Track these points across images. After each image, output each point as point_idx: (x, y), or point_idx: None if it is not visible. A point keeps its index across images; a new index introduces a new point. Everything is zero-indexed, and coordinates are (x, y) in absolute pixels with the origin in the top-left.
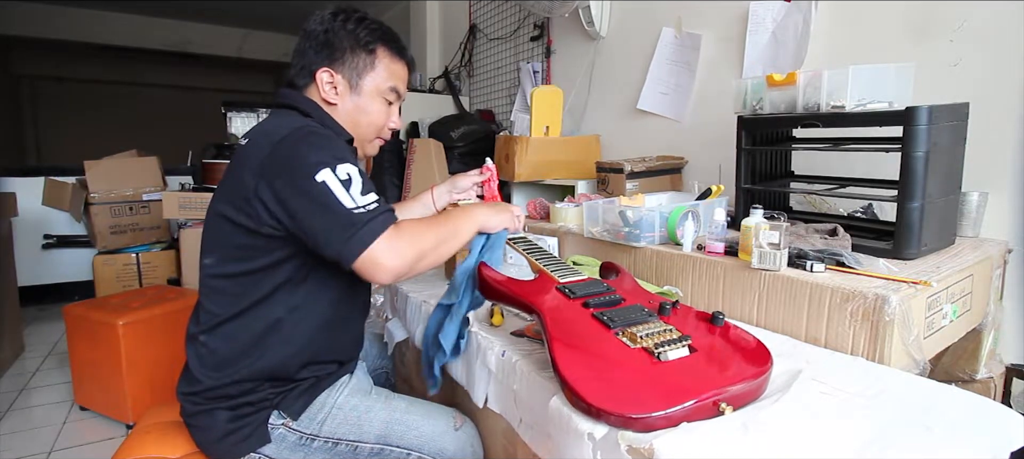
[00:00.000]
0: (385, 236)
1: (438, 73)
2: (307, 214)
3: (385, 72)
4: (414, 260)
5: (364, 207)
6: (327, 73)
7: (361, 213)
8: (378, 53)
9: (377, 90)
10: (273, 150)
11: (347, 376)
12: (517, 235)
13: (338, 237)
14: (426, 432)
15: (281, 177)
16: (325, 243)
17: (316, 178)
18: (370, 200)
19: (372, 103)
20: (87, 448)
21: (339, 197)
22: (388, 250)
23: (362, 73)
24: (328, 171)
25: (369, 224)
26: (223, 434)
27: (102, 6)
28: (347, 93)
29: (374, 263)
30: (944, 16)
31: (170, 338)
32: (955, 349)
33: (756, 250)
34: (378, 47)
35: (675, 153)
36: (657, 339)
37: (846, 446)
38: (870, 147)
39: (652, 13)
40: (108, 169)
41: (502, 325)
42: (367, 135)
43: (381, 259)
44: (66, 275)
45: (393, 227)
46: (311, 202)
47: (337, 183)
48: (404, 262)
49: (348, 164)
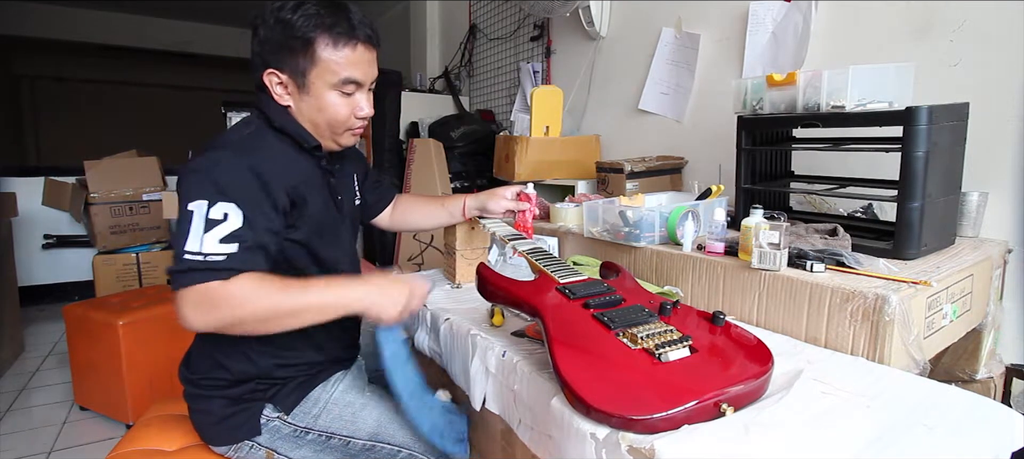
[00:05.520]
0: (198, 290)
1: (438, 73)
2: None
3: (331, 64)
4: (227, 323)
5: (204, 255)
6: (273, 74)
7: (193, 260)
8: (317, 44)
9: (327, 84)
10: (188, 163)
11: (342, 372)
12: (517, 235)
13: (173, 265)
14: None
15: (178, 191)
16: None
17: (188, 206)
18: (222, 251)
19: (326, 99)
20: (87, 448)
21: (191, 232)
22: (193, 304)
23: (305, 70)
24: (202, 203)
25: (191, 273)
26: (219, 419)
27: (102, 6)
28: (297, 93)
29: (179, 310)
30: (944, 16)
31: (170, 338)
32: (955, 349)
33: (756, 250)
34: (317, 36)
35: (675, 153)
36: (658, 340)
37: (847, 446)
38: (870, 147)
39: (652, 13)
40: (108, 169)
41: (502, 325)
42: (332, 132)
43: (184, 313)
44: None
45: (219, 282)
46: (177, 222)
47: (200, 219)
48: (209, 321)
49: (230, 204)
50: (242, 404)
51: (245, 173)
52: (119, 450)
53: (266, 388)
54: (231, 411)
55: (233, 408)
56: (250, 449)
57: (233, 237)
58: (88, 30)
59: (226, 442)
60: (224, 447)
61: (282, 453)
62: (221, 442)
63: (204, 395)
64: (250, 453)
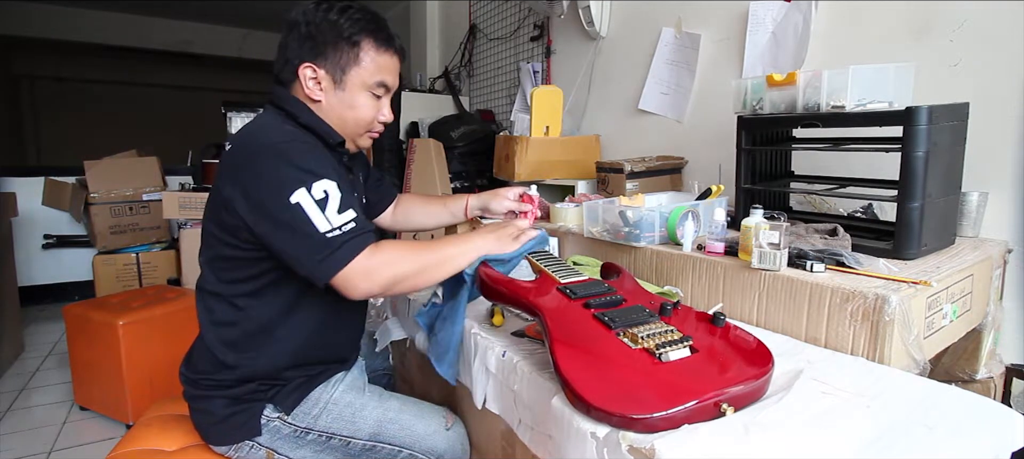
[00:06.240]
0: (360, 259)
1: (438, 73)
2: (279, 237)
3: (371, 66)
4: (388, 284)
5: (339, 228)
6: (310, 68)
7: (335, 236)
8: (363, 45)
9: (363, 84)
10: (250, 164)
11: (343, 373)
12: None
13: (311, 259)
14: (418, 431)
15: (254, 195)
16: (297, 264)
17: (290, 200)
18: (347, 219)
19: (358, 98)
20: (87, 448)
21: (313, 219)
22: (360, 274)
23: (346, 67)
24: (303, 191)
25: (343, 247)
26: (220, 419)
27: (102, 6)
28: (332, 89)
29: (347, 284)
30: (944, 16)
31: (170, 338)
32: (955, 349)
33: (756, 250)
34: (363, 39)
35: (675, 153)
36: (658, 340)
37: (847, 446)
38: (870, 147)
39: (652, 13)
40: (108, 169)
41: (503, 325)
42: (356, 131)
43: (353, 281)
44: (66, 275)
45: (370, 248)
46: (283, 225)
47: (312, 203)
48: (376, 286)
49: (325, 180)
50: (243, 404)
51: (315, 152)
52: (119, 450)
53: (267, 388)
54: (232, 411)
55: (234, 408)
56: (250, 449)
57: (345, 205)
58: (88, 30)
59: (226, 442)
60: (224, 447)
61: (282, 453)
62: (221, 442)
63: (205, 395)
64: (250, 453)
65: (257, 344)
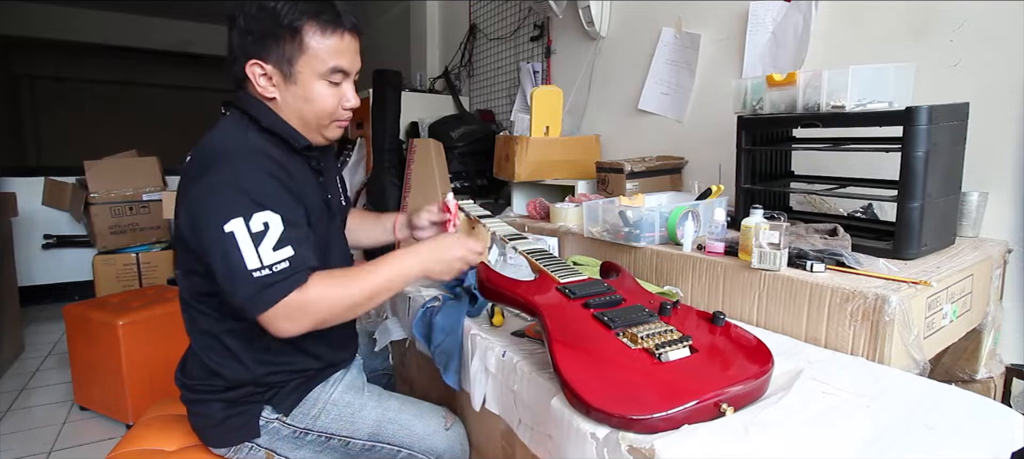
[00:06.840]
0: (285, 303)
1: (438, 73)
2: (214, 261)
3: (320, 51)
4: (314, 326)
5: (269, 267)
6: (257, 65)
7: (263, 276)
8: (305, 31)
9: (315, 74)
10: (200, 178)
11: (341, 373)
12: (517, 235)
13: (237, 293)
14: (417, 431)
15: (195, 211)
16: (230, 293)
17: (224, 228)
18: (281, 257)
19: (314, 89)
20: (87, 448)
21: (243, 253)
22: (283, 316)
23: (293, 59)
24: (239, 221)
25: (270, 287)
26: (218, 421)
27: (102, 6)
28: (283, 84)
29: (271, 325)
30: (944, 16)
31: (170, 338)
32: (955, 349)
33: (756, 250)
34: (304, 23)
35: (675, 153)
36: (658, 340)
37: (847, 446)
38: (870, 147)
39: (652, 13)
40: (108, 169)
41: (502, 325)
42: (319, 123)
43: (277, 322)
44: (66, 275)
45: (298, 291)
46: (216, 250)
47: (246, 236)
48: (302, 328)
49: (267, 212)
50: (240, 406)
51: (265, 177)
52: (119, 450)
53: (264, 390)
54: (229, 414)
55: (231, 411)
56: (249, 450)
57: (283, 241)
58: (88, 30)
59: (225, 444)
60: (223, 449)
61: (281, 454)
62: (220, 444)
63: (201, 399)
64: (249, 454)
65: (243, 352)
